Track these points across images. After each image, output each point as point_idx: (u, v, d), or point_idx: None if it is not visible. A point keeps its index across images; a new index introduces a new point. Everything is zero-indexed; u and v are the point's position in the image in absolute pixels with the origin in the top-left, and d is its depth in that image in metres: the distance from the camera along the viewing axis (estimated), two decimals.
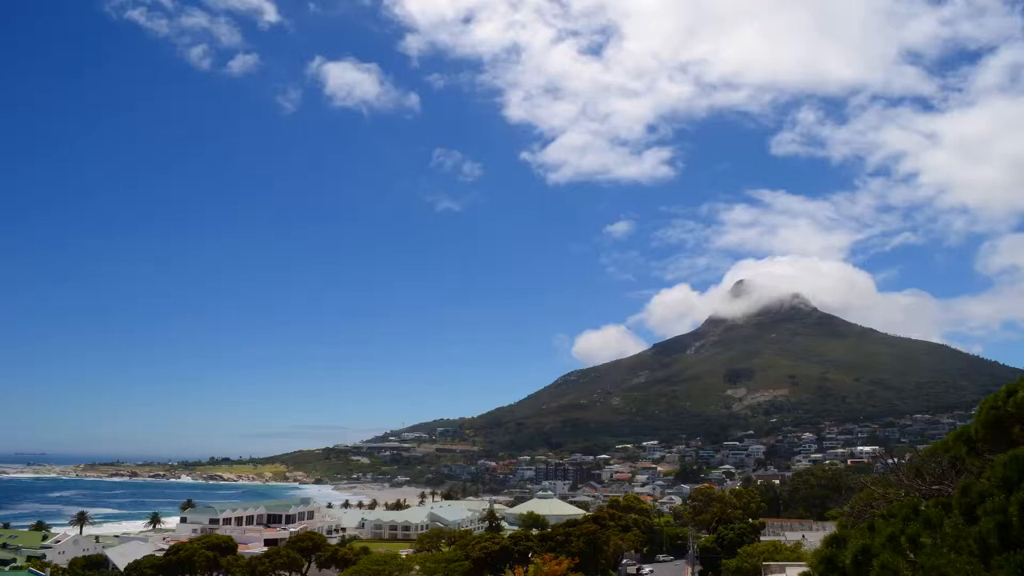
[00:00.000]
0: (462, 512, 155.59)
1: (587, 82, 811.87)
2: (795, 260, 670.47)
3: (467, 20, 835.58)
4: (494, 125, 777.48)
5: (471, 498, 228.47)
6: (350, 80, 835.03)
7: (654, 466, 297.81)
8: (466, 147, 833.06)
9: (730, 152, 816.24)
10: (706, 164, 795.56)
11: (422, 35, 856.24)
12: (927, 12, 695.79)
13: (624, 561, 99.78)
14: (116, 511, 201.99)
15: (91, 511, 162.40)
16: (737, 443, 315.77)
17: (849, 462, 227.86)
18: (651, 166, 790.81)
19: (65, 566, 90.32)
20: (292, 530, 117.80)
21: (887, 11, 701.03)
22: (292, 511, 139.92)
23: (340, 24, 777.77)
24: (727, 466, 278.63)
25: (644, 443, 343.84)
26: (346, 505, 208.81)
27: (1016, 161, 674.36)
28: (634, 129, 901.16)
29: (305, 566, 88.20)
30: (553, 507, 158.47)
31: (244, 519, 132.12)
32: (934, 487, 16.60)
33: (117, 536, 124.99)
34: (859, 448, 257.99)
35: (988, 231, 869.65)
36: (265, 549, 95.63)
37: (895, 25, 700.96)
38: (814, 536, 72.44)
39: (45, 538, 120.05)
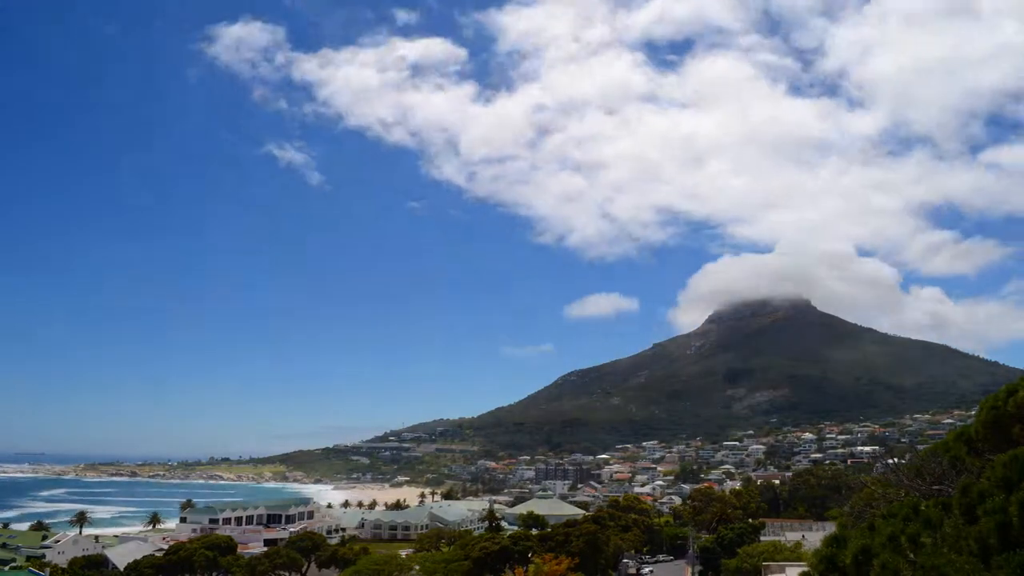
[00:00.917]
0: (462, 512, 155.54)
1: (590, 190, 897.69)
2: (796, 260, 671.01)
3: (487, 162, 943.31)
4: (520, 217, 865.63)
5: (471, 498, 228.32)
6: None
7: (654, 466, 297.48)
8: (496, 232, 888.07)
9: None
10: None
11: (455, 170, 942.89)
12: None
13: (625, 561, 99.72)
14: (110, 510, 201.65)
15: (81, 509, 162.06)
16: (737, 443, 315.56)
17: (849, 462, 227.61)
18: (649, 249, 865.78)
19: (65, 566, 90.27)
20: (292, 530, 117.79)
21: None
22: (292, 511, 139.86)
23: (404, 175, 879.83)
24: (727, 466, 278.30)
25: (644, 443, 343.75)
26: (346, 505, 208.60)
27: None
28: (635, 221, 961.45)
29: (305, 566, 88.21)
30: (553, 507, 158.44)
31: (244, 519, 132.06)
32: (934, 487, 16.58)
33: (117, 536, 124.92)
34: (859, 448, 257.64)
35: None
36: (265, 549, 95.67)
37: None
38: (814, 536, 72.36)
39: (45, 538, 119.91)
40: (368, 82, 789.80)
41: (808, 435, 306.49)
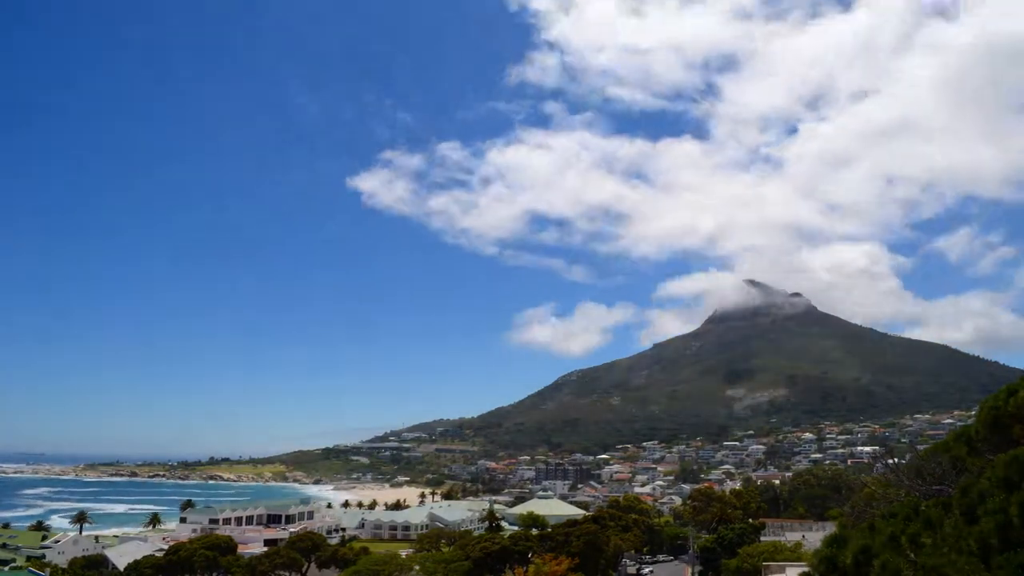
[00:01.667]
0: (462, 512, 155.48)
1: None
2: (796, 260, 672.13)
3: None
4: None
5: (471, 498, 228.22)
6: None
7: (654, 466, 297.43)
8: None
9: None
10: None
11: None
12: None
13: (624, 561, 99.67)
14: (106, 508, 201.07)
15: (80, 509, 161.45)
16: (737, 443, 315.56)
17: (849, 462, 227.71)
18: None
19: (65, 566, 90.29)
20: (292, 530, 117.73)
21: None
22: (292, 511, 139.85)
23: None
24: (727, 466, 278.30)
25: (644, 443, 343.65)
26: (346, 505, 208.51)
27: None
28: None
29: (305, 566, 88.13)
30: (553, 507, 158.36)
31: (244, 519, 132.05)
32: (934, 487, 16.57)
33: (117, 536, 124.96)
34: (859, 448, 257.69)
35: None
36: (265, 549, 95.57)
37: None
38: (814, 536, 72.39)
39: (44, 538, 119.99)
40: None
41: (808, 435, 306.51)
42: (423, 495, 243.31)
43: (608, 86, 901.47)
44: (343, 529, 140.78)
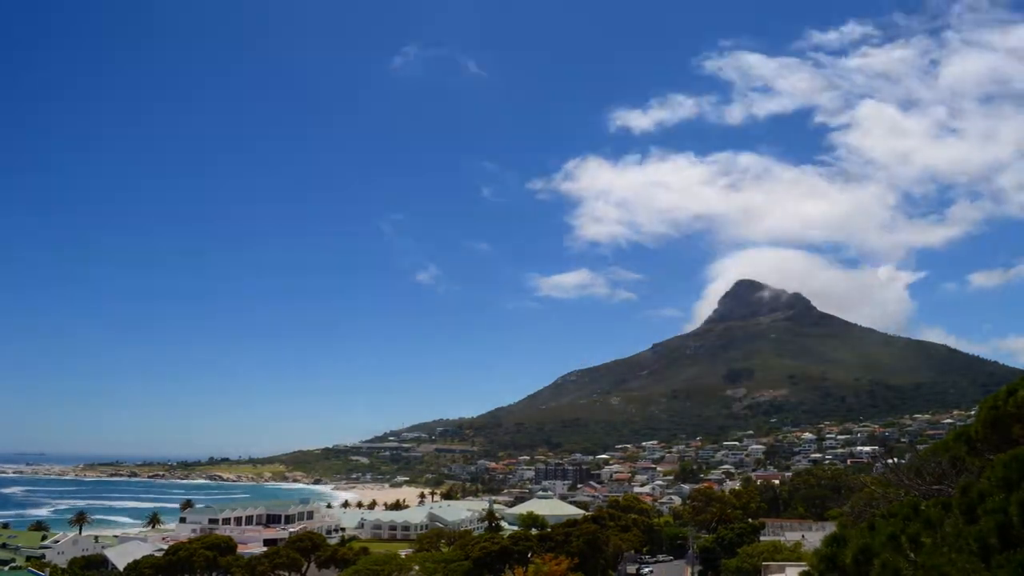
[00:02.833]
0: (462, 512, 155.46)
1: None
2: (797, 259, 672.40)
3: None
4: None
5: (471, 498, 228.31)
6: None
7: (654, 466, 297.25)
8: None
9: None
10: None
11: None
12: None
13: (624, 561, 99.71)
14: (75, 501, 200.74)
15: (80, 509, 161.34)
16: (737, 443, 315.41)
17: (849, 462, 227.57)
18: None
19: (64, 566, 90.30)
20: (291, 530, 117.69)
21: None
22: (291, 511, 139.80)
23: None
24: (727, 466, 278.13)
25: (644, 443, 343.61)
26: (345, 505, 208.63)
27: None
28: None
29: (304, 566, 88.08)
30: (553, 507, 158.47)
31: (243, 519, 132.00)
32: (934, 487, 16.60)
33: (116, 536, 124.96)
34: (859, 448, 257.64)
35: None
36: (264, 549, 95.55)
37: None
38: (814, 536, 72.32)
39: (44, 538, 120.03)
40: None
41: (808, 435, 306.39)
42: (423, 495, 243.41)
43: None
44: (343, 529, 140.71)
